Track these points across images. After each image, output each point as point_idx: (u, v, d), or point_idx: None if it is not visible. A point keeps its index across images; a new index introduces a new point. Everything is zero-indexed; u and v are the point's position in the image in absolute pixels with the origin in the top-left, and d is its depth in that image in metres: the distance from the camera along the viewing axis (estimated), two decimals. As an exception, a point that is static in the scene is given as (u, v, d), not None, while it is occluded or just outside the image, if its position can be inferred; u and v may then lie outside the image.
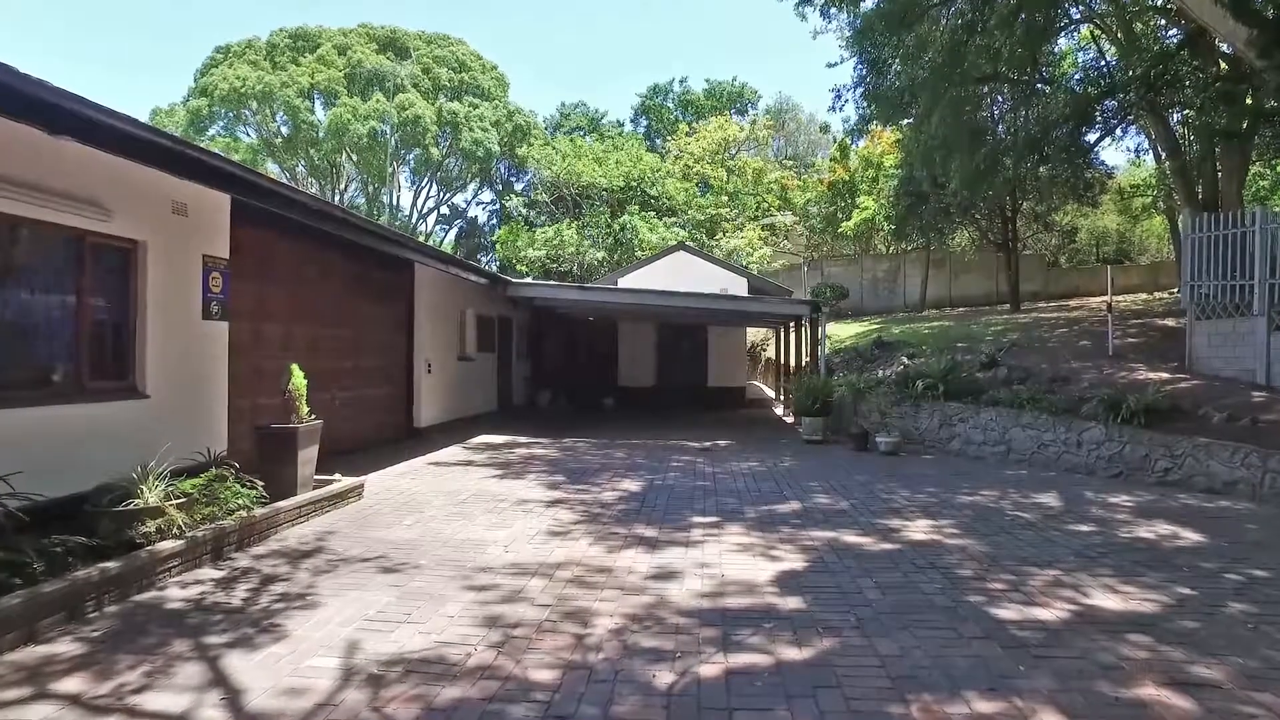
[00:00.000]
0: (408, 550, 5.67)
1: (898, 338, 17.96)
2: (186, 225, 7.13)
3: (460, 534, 6.21)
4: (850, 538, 6.17)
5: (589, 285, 18.75)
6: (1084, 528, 6.55)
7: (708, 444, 12.94)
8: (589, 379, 21.81)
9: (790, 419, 16.73)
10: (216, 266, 7.54)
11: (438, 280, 13.81)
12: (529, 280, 19.27)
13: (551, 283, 21.15)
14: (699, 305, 14.63)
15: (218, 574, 4.97)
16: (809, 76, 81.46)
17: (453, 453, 11.23)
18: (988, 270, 28.41)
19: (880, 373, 14.19)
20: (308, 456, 6.96)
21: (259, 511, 5.81)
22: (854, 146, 31.41)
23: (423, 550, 5.68)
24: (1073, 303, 23.75)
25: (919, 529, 6.49)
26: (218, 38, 57.79)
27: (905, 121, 19.76)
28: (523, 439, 13.29)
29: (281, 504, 6.17)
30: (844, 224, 30.11)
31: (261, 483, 6.44)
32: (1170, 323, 14.21)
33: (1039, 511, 7.24)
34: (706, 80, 48.43)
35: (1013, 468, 10.01)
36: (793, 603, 4.51)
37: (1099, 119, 13.78)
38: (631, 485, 8.65)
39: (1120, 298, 23.45)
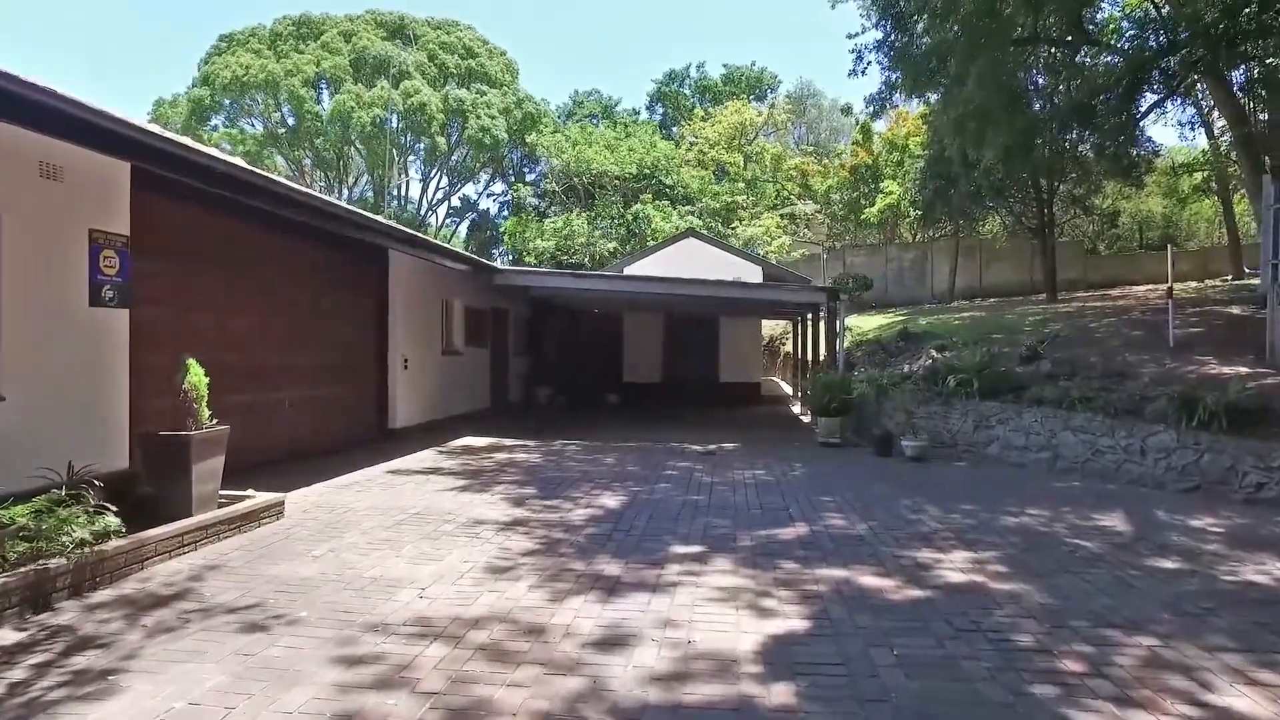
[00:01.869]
0: (296, 594, 4.43)
1: (925, 329, 16.47)
2: (62, 193, 5.94)
3: (375, 569, 4.96)
4: (867, 578, 4.82)
5: (584, 273, 17.46)
6: (1169, 564, 5.15)
7: (711, 447, 11.61)
8: (592, 375, 20.54)
9: (807, 418, 15.34)
10: (110, 244, 6.35)
11: (417, 268, 12.60)
12: (517, 268, 18.02)
13: (542, 269, 19.90)
14: (703, 293, 13.30)
15: (14, 637, 3.75)
16: (831, 63, 79.35)
17: (422, 458, 10.01)
18: (1021, 258, 26.70)
19: (906, 368, 12.75)
20: (208, 470, 5.75)
21: (113, 545, 4.59)
22: (877, 129, 29.83)
23: (316, 595, 4.43)
24: (1114, 291, 22.03)
25: (955, 565, 5.12)
26: (223, 26, 57.09)
27: (933, 96, 18.24)
28: (508, 441, 12.06)
29: (152, 533, 4.95)
30: (867, 210, 28.56)
31: (155, 502, 5.29)
32: (1235, 310, 12.62)
33: (1105, 539, 5.83)
34: (724, 65, 46.89)
35: (1062, 478, 8.57)
36: (779, 695, 3.19)
37: (1156, 81, 12.14)
38: (611, 501, 7.35)
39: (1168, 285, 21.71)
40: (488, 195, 46.00)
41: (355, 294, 11.25)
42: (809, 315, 16.19)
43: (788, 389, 23.39)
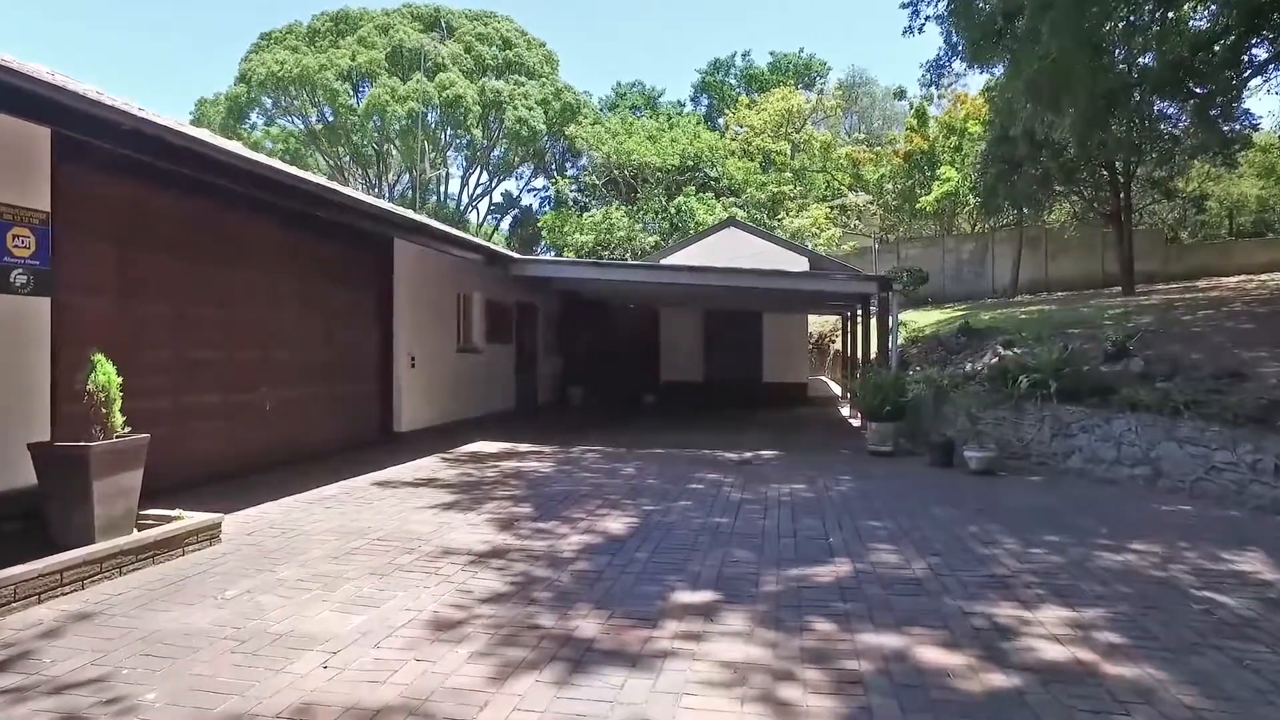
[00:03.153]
0: (164, 661, 3.38)
1: (988, 324, 14.91)
2: (-47, 157, 5.04)
3: (289, 620, 3.90)
4: (927, 651, 3.56)
5: (607, 262, 16.32)
6: (1351, 636, 3.76)
7: (747, 455, 10.38)
8: (628, 374, 19.42)
9: (856, 422, 13.95)
10: (24, 221, 5.44)
11: (428, 259, 11.65)
12: (534, 257, 16.94)
13: (563, 259, 18.83)
14: (739, 283, 12.03)
15: None
16: (883, 49, 76.66)
17: (420, 466, 9.01)
18: (1091, 248, 24.68)
19: (968, 366, 11.30)
20: (117, 488, 4.77)
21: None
22: (933, 113, 28.02)
23: (189, 662, 3.38)
24: (1201, 283, 19.99)
25: (1049, 630, 3.82)
26: (270, 24, 57.42)
27: (997, 70, 16.62)
28: (524, 446, 11.01)
29: (10, 572, 3.96)
30: (922, 199, 26.79)
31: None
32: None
33: (1250, 593, 4.43)
34: (771, 53, 45.24)
35: (1166, 499, 7.10)
36: None
37: (1269, 35, 10.36)
38: (616, 524, 6.19)
39: (1267, 276, 19.60)
40: (529, 190, 45.34)
41: (354, 286, 10.32)
42: (858, 309, 14.78)
43: (837, 390, 21.93)
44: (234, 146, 7.06)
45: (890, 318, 11.84)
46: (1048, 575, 4.74)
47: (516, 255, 13.41)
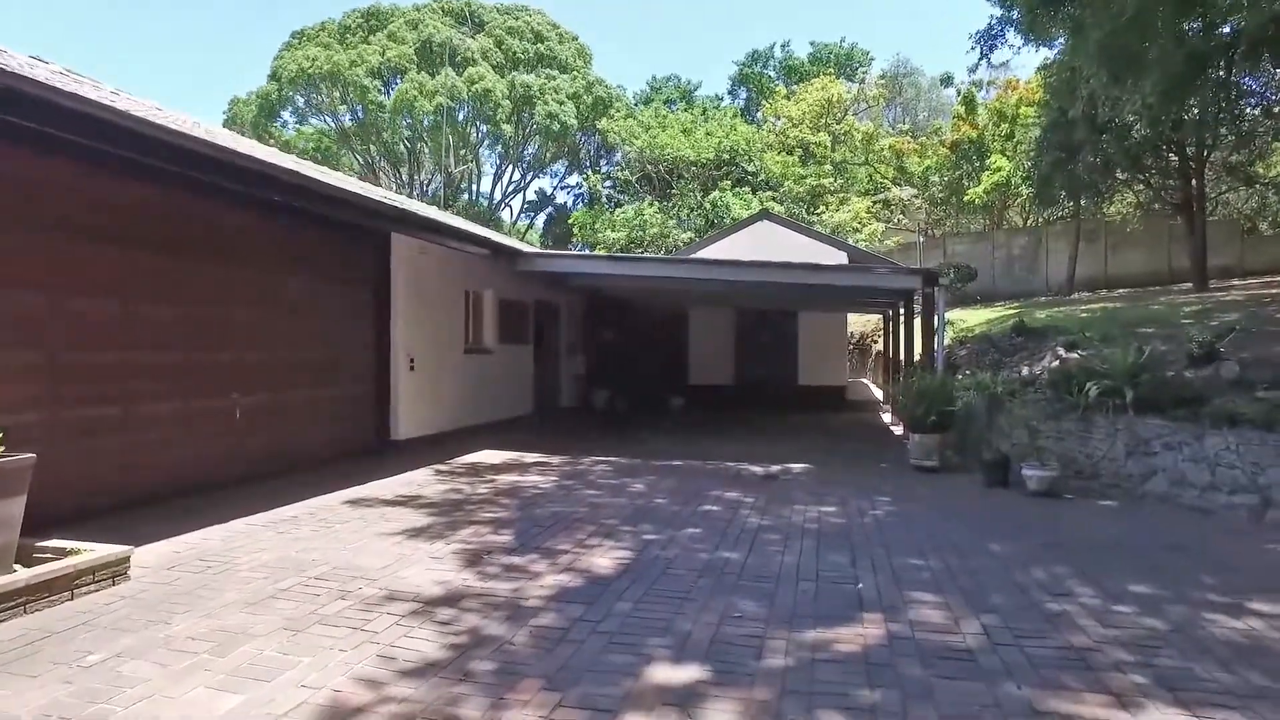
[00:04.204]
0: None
1: (1045, 323, 13.57)
2: None
3: (138, 705, 3.02)
4: (989, 783, 2.53)
5: (622, 256, 15.35)
6: None
7: (775, 468, 9.34)
8: (654, 376, 18.43)
9: (899, 428, 12.77)
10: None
11: (429, 253, 10.84)
12: (543, 251, 16.03)
13: (573, 253, 17.92)
14: (769, 278, 10.97)
15: None
16: (928, 37, 74.16)
17: (408, 481, 8.17)
18: (1156, 241, 22.85)
19: (1025, 370, 10.07)
20: (-10, 519, 3.97)
21: None
22: (982, 100, 26.45)
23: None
24: (1284, 278, 18.23)
25: (1159, 746, 2.75)
26: (305, 21, 57.46)
27: (1056, 44, 15.25)
28: (531, 457, 10.13)
29: None
30: (971, 191, 25.27)
31: None
32: None
33: None
34: (811, 43, 43.77)
35: None
36: None
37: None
38: (605, 559, 5.22)
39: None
40: (562, 188, 44.62)
41: (346, 282, 9.55)
42: (901, 307, 13.57)
43: (878, 393, 20.64)
44: (184, 126, 6.30)
45: (936, 316, 10.66)
46: (1144, 649, 3.64)
47: (525, 249, 12.53)
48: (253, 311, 7.95)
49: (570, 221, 32.89)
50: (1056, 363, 9.42)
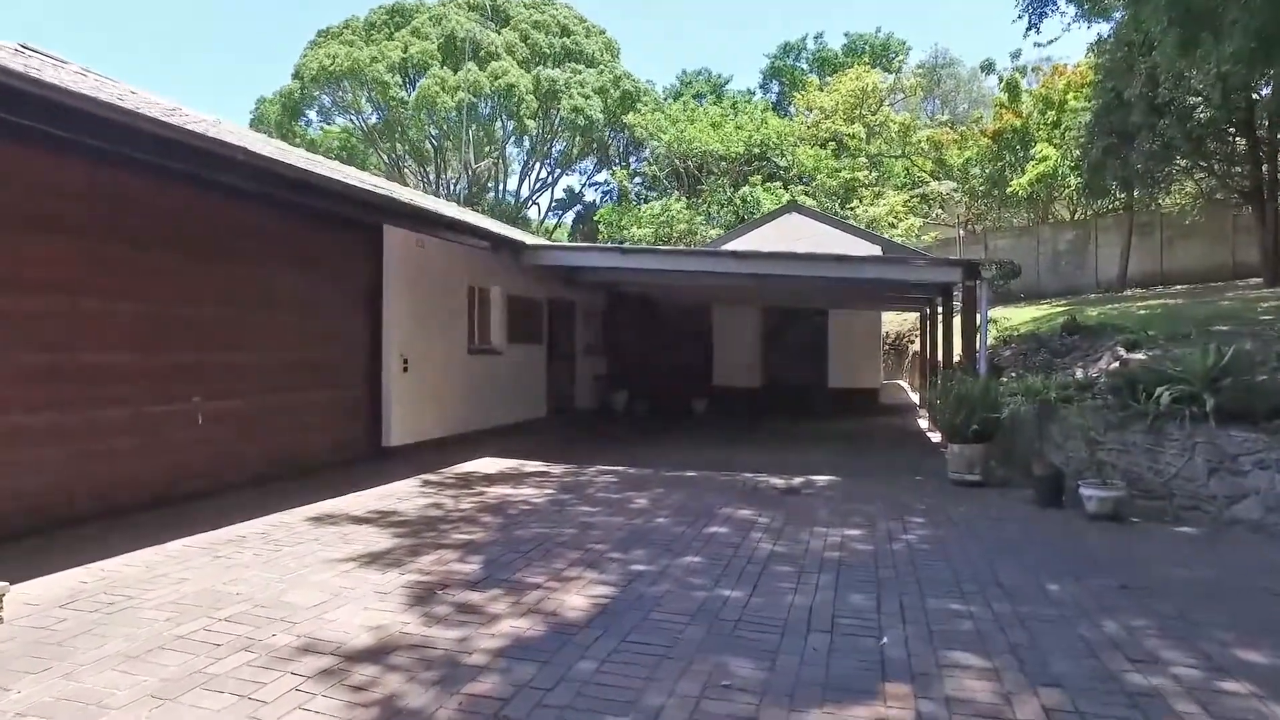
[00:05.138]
0: None
1: (1099, 321, 12.43)
2: None
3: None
4: None
5: (631, 248, 14.48)
6: None
7: (797, 481, 8.43)
8: (676, 377, 17.54)
9: (937, 436, 11.73)
10: None
11: (428, 247, 10.14)
12: (548, 243, 15.18)
13: (578, 245, 17.14)
14: (791, 271, 10.03)
15: None
16: (967, 26, 71.79)
17: (387, 494, 7.43)
18: (1218, 233, 21.30)
19: (1079, 373, 9.00)
20: None
21: None
22: (1027, 86, 25.07)
23: None
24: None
25: None
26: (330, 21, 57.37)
27: (1114, 17, 14.11)
28: (533, 465, 9.37)
29: None
30: (1014, 183, 23.92)
31: None
32: None
33: None
34: (845, 34, 42.43)
35: (1403, 575, 4.83)
36: None
37: None
38: (577, 599, 4.39)
39: None
40: (591, 185, 43.89)
41: (332, 276, 8.86)
42: (939, 303, 12.52)
43: (915, 397, 19.50)
44: (128, 102, 5.64)
45: (978, 312, 9.64)
46: (1270, 753, 2.69)
47: (530, 241, 11.76)
48: (222, 309, 7.29)
49: (596, 219, 32.10)
50: (1116, 364, 8.36)
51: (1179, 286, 20.04)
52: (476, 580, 4.71)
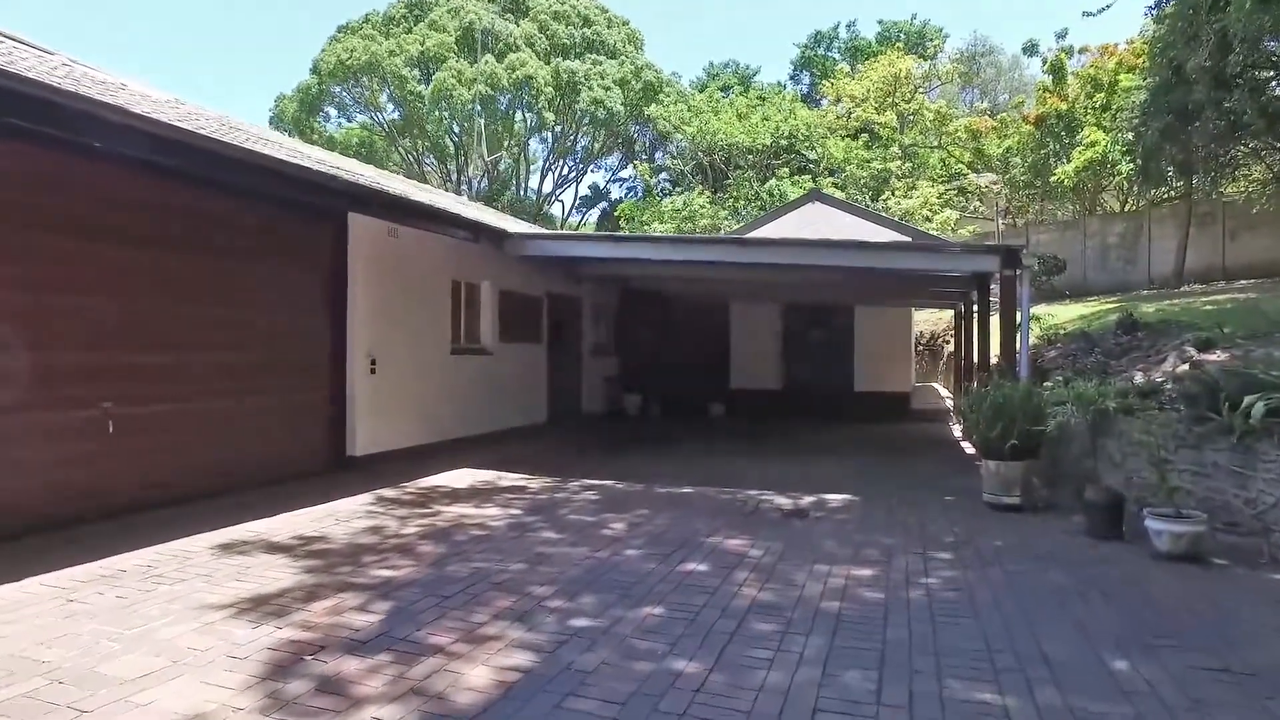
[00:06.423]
0: None
1: (1160, 318, 11.05)
2: None
3: None
4: None
5: (626, 236, 13.41)
6: None
7: (806, 501, 7.32)
8: (692, 379, 16.46)
9: (971, 447, 10.47)
10: None
11: (401, 237, 9.21)
12: (536, 232, 14.11)
13: (566, 233, 16.14)
14: (809, 260, 8.89)
15: None
16: (1008, 8, 68.92)
17: (327, 513, 6.49)
18: (1287, 223, 19.54)
19: (1140, 377, 7.72)
20: None
21: None
22: (1072, 67, 23.42)
23: None
24: None
25: None
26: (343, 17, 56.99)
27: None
28: (511, 479, 8.40)
29: None
30: (1059, 171, 22.34)
31: None
32: None
33: None
34: (879, 22, 40.88)
35: None
36: None
37: None
38: (479, 673, 3.35)
39: None
40: (615, 180, 42.95)
41: (287, 269, 7.97)
42: (974, 298, 11.25)
43: (950, 402, 18.11)
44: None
45: (1018, 308, 8.38)
46: None
47: (513, 228, 10.75)
48: (142, 302, 6.41)
49: (617, 214, 31.11)
50: (1185, 366, 7.07)
51: (1243, 281, 18.36)
52: (366, 639, 3.70)
